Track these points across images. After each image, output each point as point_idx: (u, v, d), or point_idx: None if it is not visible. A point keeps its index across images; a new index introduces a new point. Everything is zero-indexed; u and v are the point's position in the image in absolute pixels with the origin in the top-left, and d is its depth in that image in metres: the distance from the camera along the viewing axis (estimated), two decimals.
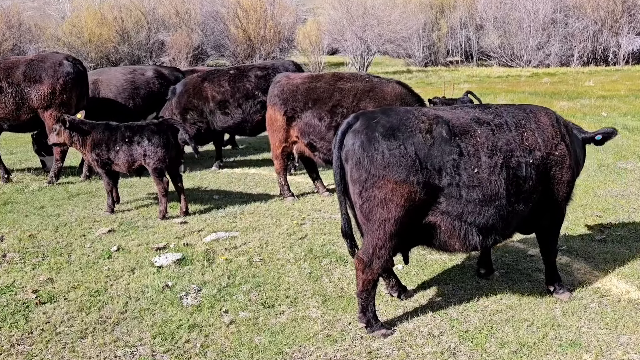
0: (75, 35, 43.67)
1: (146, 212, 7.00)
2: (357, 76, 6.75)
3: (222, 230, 6.23)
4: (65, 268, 5.27)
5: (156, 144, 6.46)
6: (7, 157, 10.94)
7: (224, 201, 7.41)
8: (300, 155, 7.31)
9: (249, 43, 47.51)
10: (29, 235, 6.10)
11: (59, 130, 6.63)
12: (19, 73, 8.24)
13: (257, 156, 10.99)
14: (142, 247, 5.77)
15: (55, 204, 7.38)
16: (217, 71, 9.52)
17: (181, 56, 43.58)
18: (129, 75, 9.49)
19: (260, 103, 9.00)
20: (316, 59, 46.85)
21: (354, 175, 3.74)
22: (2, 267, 5.33)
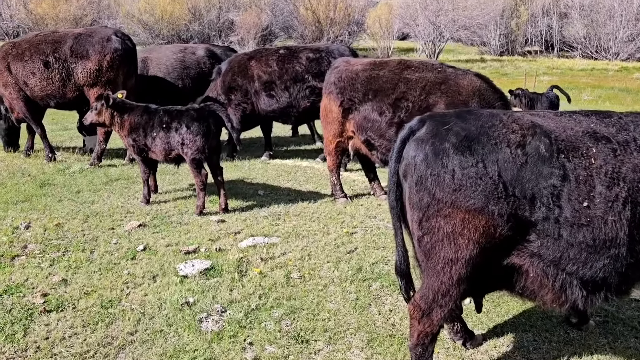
0: (149, 12, 44.52)
1: (183, 205, 6.40)
2: (428, 65, 5.75)
3: (261, 234, 5.49)
4: (84, 268, 4.72)
5: (195, 132, 5.79)
6: (60, 133, 10.80)
7: (268, 198, 6.68)
8: (356, 153, 6.44)
9: (317, 25, 46.68)
10: (56, 225, 5.63)
11: (99, 109, 6.11)
12: (66, 48, 7.85)
13: (313, 146, 10.20)
14: (170, 248, 5.15)
15: (91, 188, 6.93)
16: (266, 50, 8.77)
17: (249, 36, 43.44)
18: (180, 54, 8.92)
19: (309, 88, 8.19)
20: (385, 43, 45.40)
21: (413, 197, 2.84)
22: (20, 260, 4.86)
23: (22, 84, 8.07)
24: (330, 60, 8.13)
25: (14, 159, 8.53)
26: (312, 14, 46.10)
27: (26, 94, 8.15)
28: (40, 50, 7.92)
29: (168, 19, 43.80)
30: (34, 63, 7.92)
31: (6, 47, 8.22)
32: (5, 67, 8.11)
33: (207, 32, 45.44)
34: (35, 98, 8.17)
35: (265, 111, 8.43)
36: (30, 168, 7.87)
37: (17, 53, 8.05)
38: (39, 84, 7.97)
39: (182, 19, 44.46)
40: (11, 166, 8.01)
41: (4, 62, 8.13)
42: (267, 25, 46.10)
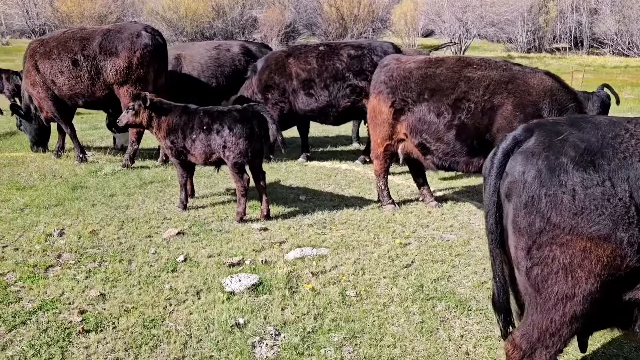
0: (173, 10, 44.61)
1: (222, 211, 6.04)
2: (491, 63, 5.28)
3: (309, 244, 5.10)
4: (122, 280, 4.38)
5: (238, 135, 5.42)
6: (90, 132, 10.57)
7: (311, 204, 6.29)
8: (406, 157, 6.00)
9: (341, 22, 46.24)
10: (91, 232, 5.32)
11: (137, 110, 5.75)
12: (94, 45, 7.55)
13: (349, 147, 9.79)
14: (212, 259, 4.78)
15: (125, 192, 6.62)
16: (305, 46, 8.36)
17: (272, 33, 43.24)
18: (214, 51, 8.55)
19: (350, 87, 7.76)
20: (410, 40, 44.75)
21: (520, 221, 2.40)
22: (54, 271, 4.54)
23: (50, 82, 7.81)
24: (372, 58, 7.71)
25: (44, 159, 8.29)
26: (336, 10, 45.68)
27: (54, 93, 7.89)
28: (69, 47, 7.63)
29: (192, 17, 43.82)
30: (62, 61, 7.64)
31: (34, 45, 7.96)
32: (33, 66, 7.85)
33: (230, 30, 45.37)
34: (64, 97, 7.90)
35: (303, 111, 8.04)
36: (62, 169, 7.61)
37: (44, 51, 7.78)
38: (67, 82, 7.69)
39: (205, 17, 44.45)
40: (42, 167, 7.76)
41: (32, 60, 7.87)
42: (290, 22, 45.83)
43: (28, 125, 8.60)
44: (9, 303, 4.01)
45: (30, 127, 8.61)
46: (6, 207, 6.01)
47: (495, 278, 2.64)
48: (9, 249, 4.92)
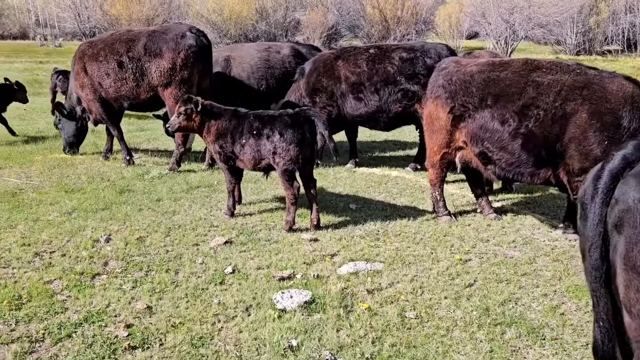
0: (217, 12, 45.19)
1: (270, 219, 5.82)
2: (563, 66, 4.85)
3: (362, 258, 4.81)
4: (169, 292, 4.20)
5: (289, 140, 5.19)
6: (137, 134, 10.60)
7: (362, 214, 6.00)
8: (464, 166, 5.63)
9: (384, 24, 45.76)
10: (137, 238, 5.19)
11: (189, 114, 5.51)
12: (139, 46, 7.48)
13: (397, 152, 9.44)
14: (261, 272, 4.56)
15: (172, 197, 6.50)
16: (355, 48, 8.06)
17: (315, 35, 43.19)
18: (264, 52, 8.35)
19: (401, 92, 7.41)
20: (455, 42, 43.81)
21: (635, 257, 2.04)
22: (101, 280, 4.41)
23: (98, 85, 7.80)
24: (425, 61, 7.35)
25: (93, 161, 8.31)
26: (379, 12, 45.22)
27: (102, 95, 7.88)
28: (115, 50, 7.59)
29: (236, 19, 44.25)
30: (108, 63, 7.61)
31: (83, 48, 7.98)
32: (82, 68, 7.87)
33: (273, 32, 45.56)
34: (110, 99, 7.88)
35: (351, 115, 7.75)
36: (109, 172, 7.58)
37: (92, 53, 7.77)
38: (113, 85, 7.66)
39: (249, 19, 44.81)
40: (90, 170, 7.76)
41: (81, 62, 7.89)
42: (332, 24, 45.65)
43: (67, 126, 8.60)
44: (55, 313, 3.90)
45: (69, 128, 8.61)
46: (55, 210, 5.98)
47: (598, 322, 2.27)
48: (57, 255, 4.84)
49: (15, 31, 67.99)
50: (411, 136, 10.48)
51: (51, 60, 31.37)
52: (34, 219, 5.69)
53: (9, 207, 6.01)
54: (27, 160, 8.18)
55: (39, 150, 8.95)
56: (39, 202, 6.22)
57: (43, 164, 7.97)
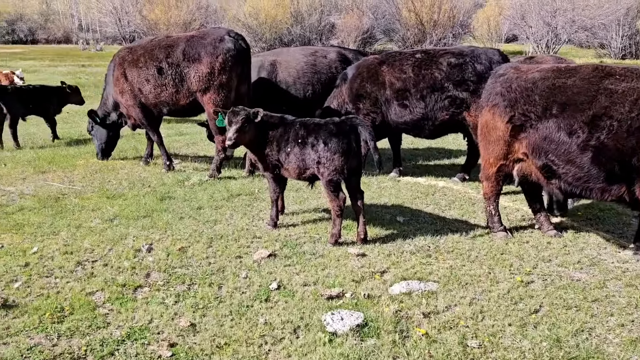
0: (253, 16, 45.57)
1: (314, 230, 5.59)
2: (638, 72, 4.46)
3: (414, 277, 4.52)
4: (213, 308, 4.01)
5: (334, 150, 4.94)
6: (176, 139, 10.55)
7: (410, 227, 5.70)
8: (523, 179, 5.27)
9: (420, 27, 45.21)
10: (179, 249, 5.04)
11: (248, 126, 5.13)
12: (178, 52, 7.37)
13: (442, 161, 9.09)
14: (308, 289, 4.32)
15: (213, 205, 6.34)
16: (400, 53, 7.74)
17: (350, 39, 43.06)
18: (310, 57, 8.13)
19: (449, 99, 7.06)
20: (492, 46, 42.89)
21: None
22: (143, 293, 4.26)
23: (137, 91, 7.72)
24: (475, 67, 7.00)
25: (134, 166, 8.26)
26: (415, 16, 44.70)
27: (141, 101, 7.80)
28: (154, 56, 7.51)
29: (271, 23, 44.51)
30: (148, 70, 7.52)
31: (123, 54, 7.92)
32: (122, 74, 7.81)
33: (307, 36, 45.62)
34: (149, 105, 7.80)
35: (396, 122, 7.46)
36: (150, 178, 7.50)
37: (132, 59, 7.71)
38: (153, 91, 7.57)
39: (284, 23, 45.00)
40: (131, 175, 7.70)
41: (121, 68, 7.83)
42: (367, 28, 45.39)
43: (99, 133, 8.57)
44: (97, 328, 3.75)
45: (101, 135, 8.57)
46: (97, 216, 5.90)
47: None
48: (99, 265, 4.72)
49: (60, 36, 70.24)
50: (455, 144, 10.11)
51: (93, 64, 32.12)
52: (77, 225, 5.62)
53: (52, 212, 5.96)
54: (70, 164, 8.19)
55: (82, 154, 8.97)
56: (82, 208, 6.15)
57: (85, 169, 7.96)
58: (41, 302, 4.06)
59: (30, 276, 4.46)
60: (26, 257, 4.80)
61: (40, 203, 6.25)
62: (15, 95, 9.41)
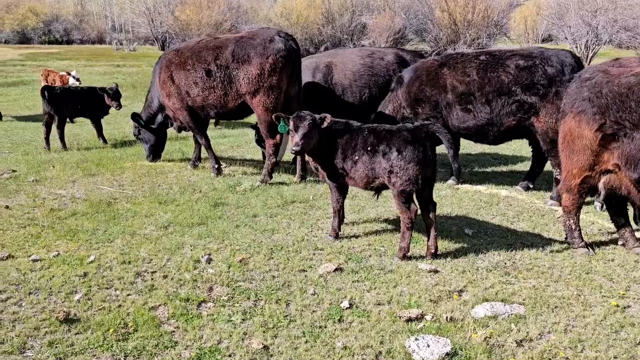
0: (285, 16, 45.56)
1: (379, 242, 5.28)
2: None
3: (496, 298, 4.16)
4: (284, 329, 3.74)
5: (408, 159, 4.62)
6: (220, 141, 10.37)
7: (481, 240, 5.34)
8: (610, 192, 4.85)
9: (453, 27, 44.45)
10: (240, 260, 4.79)
11: (314, 132, 4.85)
12: (227, 53, 7.14)
13: (499, 168, 8.66)
14: (383, 308, 4.02)
15: (268, 212, 6.09)
16: (462, 55, 7.35)
17: (381, 40, 42.63)
18: (367, 59, 7.81)
19: (516, 103, 6.65)
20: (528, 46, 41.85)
21: None
22: (207, 308, 4.02)
23: (185, 93, 7.53)
24: (545, 69, 6.57)
25: (181, 169, 8.08)
26: (448, 16, 43.96)
27: (189, 104, 7.61)
28: (202, 58, 7.29)
29: (303, 23, 44.40)
30: (196, 72, 7.31)
31: (169, 56, 7.73)
32: (169, 77, 7.62)
33: (338, 36, 45.35)
34: (197, 108, 7.60)
35: (457, 128, 7.08)
36: (200, 182, 7.30)
37: (179, 61, 7.51)
38: (200, 93, 7.37)
39: (315, 23, 44.84)
40: (181, 179, 7.51)
41: (168, 71, 7.64)
42: (399, 28, 44.84)
43: (147, 135, 8.45)
44: (164, 348, 3.52)
45: (148, 137, 8.45)
46: (150, 223, 5.70)
47: None
48: (158, 276, 4.50)
49: (94, 36, 71.63)
50: (509, 149, 9.67)
51: (127, 64, 32.48)
52: (131, 232, 5.43)
53: (105, 218, 5.79)
54: (117, 167, 8.06)
55: (128, 156, 8.85)
56: (134, 213, 5.97)
57: (133, 172, 7.81)
58: (103, 316, 3.85)
59: (90, 288, 4.26)
60: (84, 267, 4.62)
61: (92, 208, 6.09)
62: (63, 97, 9.35)
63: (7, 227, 5.53)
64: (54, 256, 4.82)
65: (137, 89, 19.94)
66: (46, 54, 40.05)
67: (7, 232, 5.41)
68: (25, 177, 7.42)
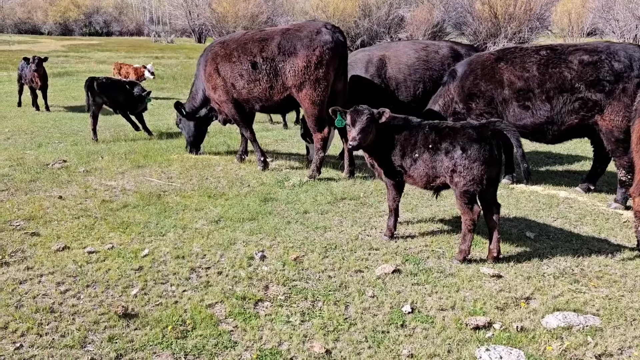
0: (321, 9, 45.33)
1: (435, 243, 5.08)
2: None
3: (568, 307, 3.93)
4: (345, 332, 3.61)
5: (473, 157, 4.40)
6: (264, 134, 10.29)
7: (544, 244, 5.08)
8: None
9: (493, 21, 43.35)
10: (294, 259, 4.67)
11: (371, 127, 4.71)
12: (273, 45, 7.02)
13: (554, 167, 8.30)
14: (447, 314, 3.84)
15: (318, 209, 5.96)
16: (520, 49, 7.01)
17: (419, 33, 41.95)
18: (422, 52, 7.56)
19: (579, 101, 6.30)
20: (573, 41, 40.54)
21: None
22: (264, 308, 3.92)
23: (230, 86, 7.45)
24: (612, 65, 6.20)
25: (228, 163, 8.03)
26: (489, 9, 42.90)
27: (234, 97, 7.54)
28: (248, 50, 7.19)
29: (339, 16, 44.06)
30: (241, 64, 7.22)
31: (216, 49, 7.64)
32: (215, 70, 7.55)
33: (375, 29, 44.88)
34: (242, 101, 7.52)
35: (513, 125, 6.76)
36: (248, 176, 7.22)
37: (225, 54, 7.42)
38: (246, 86, 7.28)
39: (352, 16, 44.45)
40: (228, 173, 7.46)
41: (213, 63, 7.57)
42: (438, 21, 44.04)
43: (187, 126, 8.43)
44: (224, 348, 3.43)
45: (189, 128, 8.43)
46: (201, 217, 5.65)
47: None
48: (213, 272, 4.43)
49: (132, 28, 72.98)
50: (563, 148, 9.27)
51: (165, 55, 32.85)
52: (182, 226, 5.39)
53: (156, 211, 5.77)
54: (164, 159, 8.07)
55: (174, 148, 8.86)
56: (184, 207, 5.94)
57: (181, 164, 7.80)
58: (161, 312, 3.80)
59: (146, 282, 4.22)
60: (138, 260, 4.59)
61: (143, 200, 6.08)
62: (105, 87, 9.42)
63: (62, 217, 5.56)
64: (109, 248, 4.81)
65: (177, 81, 20.11)
66: (87, 46, 40.93)
67: (61, 222, 5.44)
68: (76, 167, 7.50)
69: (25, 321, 3.64)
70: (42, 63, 12.83)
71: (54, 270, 4.38)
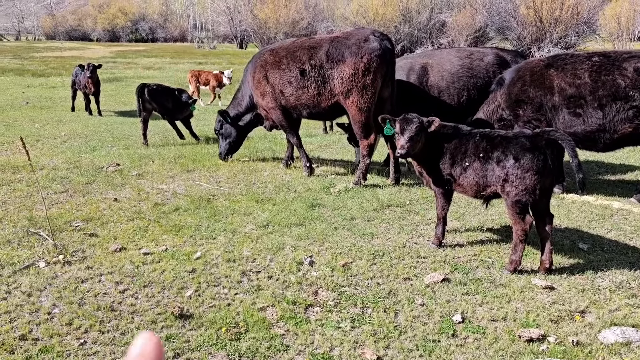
0: (361, 14, 45.38)
1: (484, 253, 5.03)
2: None
3: (626, 322, 3.82)
4: (395, 340, 3.62)
5: (526, 167, 4.35)
6: (308, 140, 10.37)
7: (597, 257, 4.95)
8: None
9: (538, 25, 42.37)
10: (343, 265, 4.72)
11: (421, 135, 4.72)
12: (321, 53, 7.10)
13: (605, 176, 8.07)
14: (498, 325, 3.80)
15: (364, 216, 5.99)
16: (571, 56, 6.86)
17: (461, 38, 41.46)
18: (466, 59, 7.50)
19: (634, 109, 6.12)
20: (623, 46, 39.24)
21: None
22: (315, 313, 3.98)
23: (279, 93, 7.57)
24: None
25: (274, 168, 8.16)
26: (534, 13, 41.97)
27: (282, 103, 7.65)
28: (297, 57, 7.31)
29: (379, 21, 44.00)
30: (290, 72, 7.34)
31: (265, 56, 7.78)
32: (264, 77, 7.70)
33: (416, 34, 44.61)
34: (290, 108, 7.63)
35: None
36: (294, 182, 7.32)
37: (274, 61, 7.56)
38: (294, 93, 7.38)
39: (392, 21, 44.32)
40: (274, 178, 7.58)
41: (262, 70, 7.71)
42: (480, 26, 43.38)
43: (228, 132, 8.50)
44: (277, 351, 3.50)
45: (229, 134, 8.51)
46: (250, 221, 5.77)
47: None
48: (263, 276, 4.52)
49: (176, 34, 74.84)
50: (615, 157, 8.99)
51: (209, 61, 33.53)
52: (232, 230, 5.52)
53: (206, 214, 5.93)
54: (212, 163, 8.27)
55: None
56: (233, 211, 6.07)
57: (228, 169, 7.98)
58: (214, 314, 3.91)
59: (200, 284, 4.35)
60: (191, 263, 4.73)
61: (193, 204, 6.26)
62: (154, 94, 9.72)
63: (117, 219, 5.79)
64: (163, 250, 4.98)
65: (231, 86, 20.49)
66: (134, 52, 42.24)
67: (117, 224, 5.66)
68: (129, 171, 7.78)
69: (88, 318, 3.81)
70: (96, 70, 13.36)
71: (112, 270, 4.57)
